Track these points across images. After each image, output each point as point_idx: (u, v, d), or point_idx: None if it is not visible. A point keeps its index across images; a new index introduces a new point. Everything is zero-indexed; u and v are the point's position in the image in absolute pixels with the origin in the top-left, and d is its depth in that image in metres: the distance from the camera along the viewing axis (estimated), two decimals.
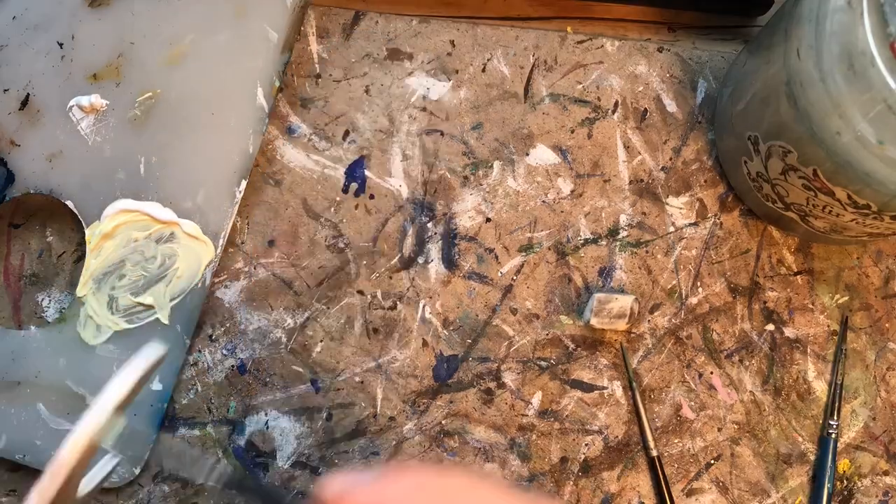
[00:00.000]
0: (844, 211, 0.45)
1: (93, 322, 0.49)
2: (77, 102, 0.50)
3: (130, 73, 0.51)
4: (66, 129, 0.50)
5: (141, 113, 0.50)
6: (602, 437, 0.51)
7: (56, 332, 0.49)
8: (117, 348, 0.49)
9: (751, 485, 0.51)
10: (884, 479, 0.51)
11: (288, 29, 0.51)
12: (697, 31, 0.57)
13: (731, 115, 0.50)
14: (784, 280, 0.53)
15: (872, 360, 0.53)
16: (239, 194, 0.51)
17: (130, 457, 0.49)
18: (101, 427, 0.33)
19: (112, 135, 0.50)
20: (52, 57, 0.51)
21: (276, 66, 0.51)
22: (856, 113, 0.39)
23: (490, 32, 0.54)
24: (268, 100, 0.51)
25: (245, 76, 0.51)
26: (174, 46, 0.51)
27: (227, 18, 0.51)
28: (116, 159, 0.50)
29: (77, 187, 0.50)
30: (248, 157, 0.51)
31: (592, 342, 0.52)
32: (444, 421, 0.51)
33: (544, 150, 0.54)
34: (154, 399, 0.49)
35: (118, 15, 0.51)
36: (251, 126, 0.51)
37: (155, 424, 0.49)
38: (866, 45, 0.38)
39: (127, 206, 0.50)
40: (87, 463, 0.33)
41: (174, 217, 0.50)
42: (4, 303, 0.52)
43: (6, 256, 0.52)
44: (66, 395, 0.49)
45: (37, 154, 0.50)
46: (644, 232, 0.53)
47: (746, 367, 0.52)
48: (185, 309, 0.50)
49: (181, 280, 0.49)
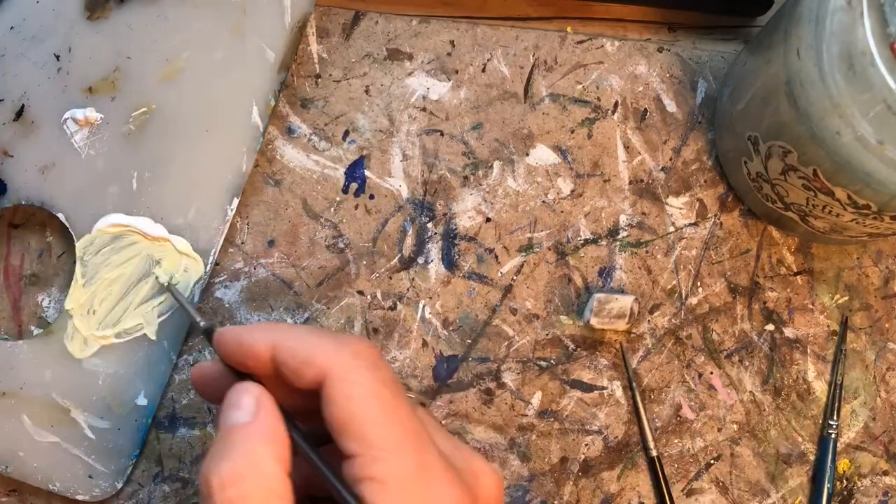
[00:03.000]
0: (844, 211, 0.45)
1: (80, 335, 0.49)
2: (72, 115, 0.50)
3: (126, 88, 0.51)
4: (60, 142, 0.50)
5: (135, 128, 0.50)
6: (602, 437, 0.51)
7: (42, 344, 0.49)
8: (104, 362, 0.49)
9: (751, 485, 0.51)
10: (883, 479, 0.52)
11: (286, 49, 0.51)
12: (697, 31, 0.57)
13: (731, 115, 0.50)
14: (784, 280, 0.53)
15: (872, 361, 0.53)
16: (231, 212, 0.51)
17: (113, 471, 0.49)
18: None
19: (106, 149, 0.50)
20: (49, 69, 0.50)
21: (272, 86, 0.51)
22: (856, 113, 0.39)
23: (490, 32, 0.54)
24: (263, 119, 0.51)
25: (241, 94, 0.51)
26: (171, 62, 0.51)
27: (224, 36, 0.51)
28: (109, 173, 0.50)
29: (69, 200, 0.50)
30: (241, 175, 0.51)
31: (592, 342, 0.52)
32: (443, 421, 0.51)
33: (544, 150, 0.54)
34: (139, 414, 0.49)
35: (116, 29, 0.51)
36: (245, 144, 0.51)
37: (139, 440, 0.49)
38: (866, 45, 0.38)
39: (118, 221, 0.50)
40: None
41: (165, 233, 0.50)
42: (4, 303, 0.52)
43: (6, 256, 0.52)
44: (51, 407, 0.49)
45: (29, 165, 0.50)
46: (644, 232, 0.53)
47: (746, 368, 0.52)
48: (173, 325, 0.50)
49: (169, 297, 0.49)
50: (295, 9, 0.51)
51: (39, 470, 0.48)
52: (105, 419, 0.49)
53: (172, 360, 0.50)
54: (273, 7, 0.51)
